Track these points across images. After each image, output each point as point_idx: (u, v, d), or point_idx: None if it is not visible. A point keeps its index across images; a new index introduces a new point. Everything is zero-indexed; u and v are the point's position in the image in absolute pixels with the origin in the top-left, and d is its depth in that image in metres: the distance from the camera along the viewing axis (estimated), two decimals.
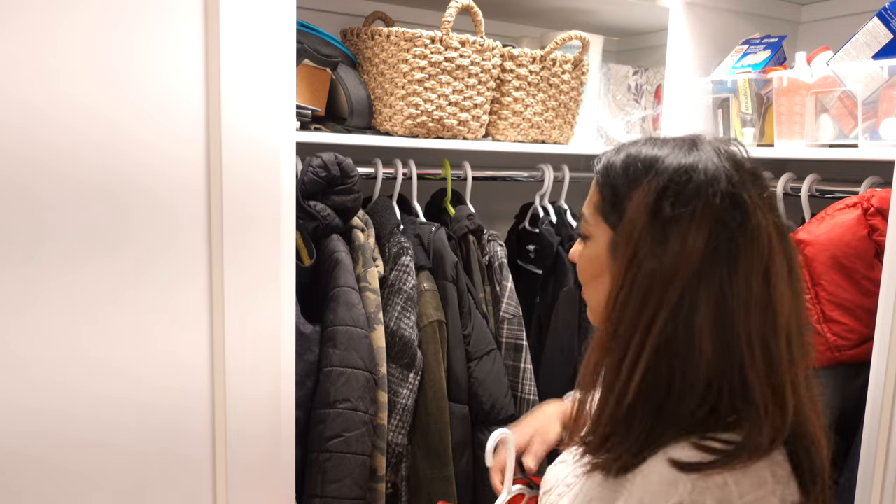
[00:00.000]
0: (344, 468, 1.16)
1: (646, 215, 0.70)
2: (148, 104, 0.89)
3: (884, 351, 1.03)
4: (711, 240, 0.67)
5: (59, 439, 0.89)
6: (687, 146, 0.73)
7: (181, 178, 0.92)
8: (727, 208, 0.68)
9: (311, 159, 1.22)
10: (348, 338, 1.19)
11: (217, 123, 0.93)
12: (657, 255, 0.68)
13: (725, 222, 0.67)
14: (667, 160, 0.71)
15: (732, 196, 0.68)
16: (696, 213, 0.68)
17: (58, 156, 0.84)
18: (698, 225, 0.67)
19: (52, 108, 0.83)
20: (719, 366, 0.68)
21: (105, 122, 0.87)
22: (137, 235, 0.90)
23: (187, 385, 0.97)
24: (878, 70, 1.16)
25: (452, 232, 1.41)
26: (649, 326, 0.68)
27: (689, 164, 0.70)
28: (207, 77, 0.92)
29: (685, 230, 0.67)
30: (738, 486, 0.65)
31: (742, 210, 0.68)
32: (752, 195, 0.69)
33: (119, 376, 0.92)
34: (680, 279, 0.67)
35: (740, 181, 0.69)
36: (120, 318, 0.91)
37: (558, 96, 1.49)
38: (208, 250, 0.95)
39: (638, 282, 0.69)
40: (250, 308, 1.00)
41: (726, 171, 0.69)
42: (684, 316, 0.67)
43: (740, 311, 0.67)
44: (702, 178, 0.69)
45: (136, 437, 0.94)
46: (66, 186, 0.85)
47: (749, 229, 0.68)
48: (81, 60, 0.84)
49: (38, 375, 0.87)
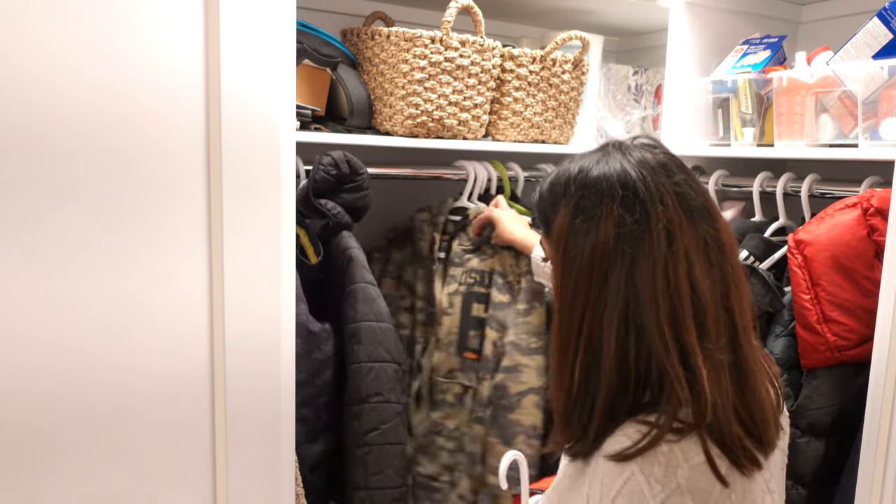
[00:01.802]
0: (384, 459, 1.21)
1: (565, 231, 0.79)
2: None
3: (884, 351, 1.04)
4: (614, 238, 0.75)
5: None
6: (596, 158, 0.80)
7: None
8: (627, 206, 0.75)
9: (321, 157, 1.22)
10: (371, 332, 1.21)
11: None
12: (576, 263, 0.77)
13: (625, 220, 0.75)
14: (578, 179, 0.80)
15: (630, 198, 0.75)
16: (601, 219, 0.76)
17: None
18: (604, 228, 0.75)
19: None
20: (635, 356, 0.74)
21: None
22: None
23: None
24: (878, 70, 1.16)
25: None
26: (579, 327, 0.76)
27: (592, 179, 0.78)
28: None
29: (594, 236, 0.76)
30: (682, 452, 0.71)
31: (641, 204, 0.75)
32: (653, 188, 0.76)
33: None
34: (595, 279, 0.75)
35: (640, 178, 0.76)
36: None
37: (558, 96, 1.49)
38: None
39: (566, 289, 0.78)
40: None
41: (627, 172, 0.77)
42: (599, 313, 0.75)
43: (649, 303, 0.73)
44: (603, 186, 0.77)
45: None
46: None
47: (649, 221, 0.74)
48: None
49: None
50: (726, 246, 0.78)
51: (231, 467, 1.01)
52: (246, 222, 0.98)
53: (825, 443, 1.14)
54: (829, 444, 1.14)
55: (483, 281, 1.42)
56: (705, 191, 0.81)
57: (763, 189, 1.40)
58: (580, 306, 0.76)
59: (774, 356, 1.19)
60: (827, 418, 1.13)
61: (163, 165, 0.91)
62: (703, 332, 0.74)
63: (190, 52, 0.91)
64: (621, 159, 0.79)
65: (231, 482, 1.02)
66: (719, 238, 0.78)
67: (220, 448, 1.01)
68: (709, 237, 0.77)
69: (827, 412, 1.13)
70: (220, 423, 1.00)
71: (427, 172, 1.46)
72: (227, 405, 1.00)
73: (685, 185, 0.78)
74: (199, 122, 0.93)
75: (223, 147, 0.95)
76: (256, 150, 0.97)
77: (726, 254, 0.78)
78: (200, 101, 0.93)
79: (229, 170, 0.96)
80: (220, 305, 0.98)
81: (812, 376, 1.15)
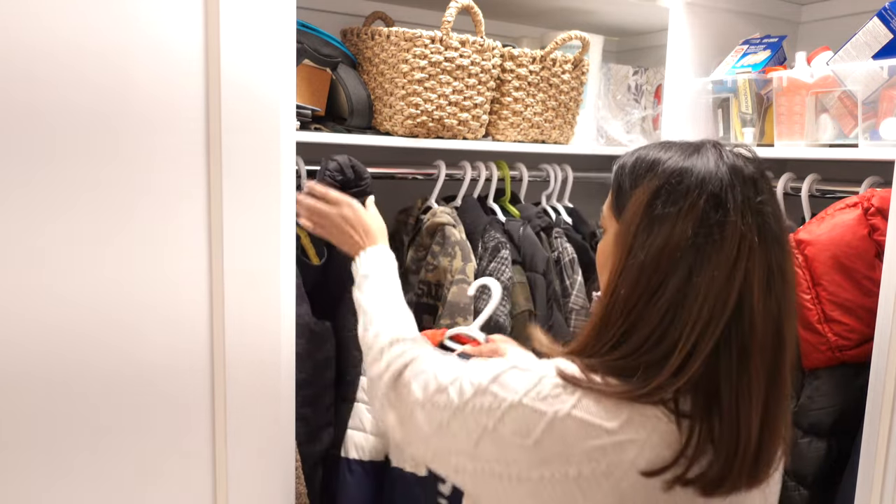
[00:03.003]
0: None
1: (641, 212, 0.78)
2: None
3: (884, 351, 1.04)
4: (691, 236, 0.74)
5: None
6: (690, 151, 0.80)
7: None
8: (710, 209, 0.75)
9: (327, 163, 1.22)
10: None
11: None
12: (646, 247, 0.76)
13: (705, 221, 0.75)
14: (667, 163, 0.79)
15: (716, 199, 0.75)
16: (681, 212, 0.75)
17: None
18: (682, 222, 0.75)
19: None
20: (659, 333, 0.75)
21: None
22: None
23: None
24: (878, 70, 1.16)
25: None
26: (633, 306, 0.76)
27: (684, 168, 0.78)
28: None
29: (671, 226, 0.75)
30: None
31: (723, 212, 0.75)
32: (739, 199, 0.75)
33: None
34: (662, 269, 0.75)
35: (730, 185, 0.76)
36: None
37: (558, 96, 1.49)
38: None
39: (631, 271, 0.77)
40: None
41: (718, 175, 0.76)
42: (656, 296, 0.75)
43: (698, 297, 0.74)
44: (692, 181, 0.76)
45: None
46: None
47: (726, 229, 0.74)
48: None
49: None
50: (789, 277, 0.78)
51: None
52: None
53: (827, 443, 1.14)
54: (830, 444, 1.14)
55: (430, 292, 1.42)
56: (783, 217, 0.80)
57: None
58: (639, 290, 0.76)
59: None
60: (828, 418, 1.13)
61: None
62: (743, 354, 0.74)
63: (190, 37, 0.92)
64: (717, 159, 0.78)
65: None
66: (784, 268, 0.78)
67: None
68: (775, 265, 0.76)
69: (828, 412, 1.13)
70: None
71: (424, 172, 1.45)
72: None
73: (767, 206, 0.78)
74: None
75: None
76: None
77: (788, 284, 0.78)
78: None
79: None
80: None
81: (813, 376, 1.15)
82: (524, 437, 0.74)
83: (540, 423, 0.74)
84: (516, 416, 0.75)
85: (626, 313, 0.76)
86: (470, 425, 0.78)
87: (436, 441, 0.82)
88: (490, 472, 0.77)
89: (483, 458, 0.77)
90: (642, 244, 0.76)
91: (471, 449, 0.78)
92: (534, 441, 0.73)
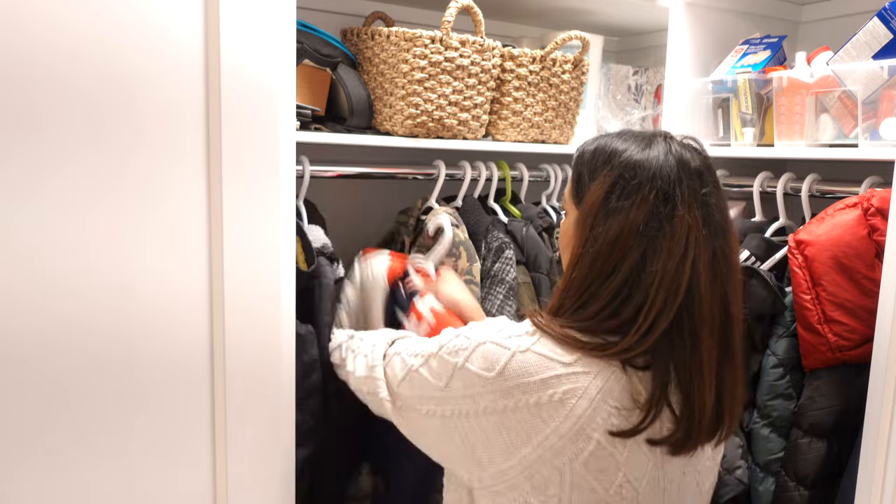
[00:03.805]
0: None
1: (598, 204, 0.86)
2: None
3: (884, 351, 1.03)
4: (642, 227, 0.82)
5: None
6: (644, 143, 0.87)
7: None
8: (659, 203, 0.83)
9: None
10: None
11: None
12: (602, 236, 0.84)
13: (655, 214, 0.83)
14: (622, 157, 0.87)
15: (665, 194, 0.83)
16: (633, 206, 0.83)
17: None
18: (634, 215, 0.83)
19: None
20: (617, 302, 0.84)
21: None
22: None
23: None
24: (878, 70, 1.16)
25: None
26: (587, 287, 0.85)
27: (637, 162, 0.85)
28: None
29: (624, 219, 0.83)
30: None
31: (672, 206, 0.83)
32: (686, 193, 0.83)
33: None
34: (615, 256, 0.83)
35: (677, 179, 0.83)
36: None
37: (558, 96, 1.49)
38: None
39: (587, 256, 0.86)
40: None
41: (668, 170, 0.84)
42: (611, 277, 0.84)
43: (653, 283, 0.82)
44: (644, 176, 0.84)
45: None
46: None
47: (674, 222, 0.82)
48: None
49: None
50: (732, 260, 0.87)
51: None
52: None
53: (827, 443, 1.14)
54: (831, 444, 1.14)
55: None
56: (726, 207, 0.88)
57: (763, 189, 1.40)
58: (592, 278, 0.85)
59: (777, 357, 1.19)
60: (829, 419, 1.13)
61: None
62: (694, 334, 0.83)
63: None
64: (666, 153, 0.85)
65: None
66: (728, 255, 0.86)
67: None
68: (719, 251, 0.84)
69: (829, 413, 1.13)
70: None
71: (424, 172, 1.45)
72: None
73: (711, 197, 0.85)
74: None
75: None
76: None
77: (731, 268, 0.86)
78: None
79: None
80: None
81: (814, 377, 1.15)
82: (489, 370, 0.84)
83: (503, 356, 0.84)
84: (483, 352, 0.85)
85: (581, 290, 0.86)
86: (443, 367, 0.89)
87: (406, 388, 0.93)
88: (458, 413, 0.86)
89: (452, 398, 0.87)
90: (598, 234, 0.85)
91: (441, 390, 0.88)
92: (497, 372, 0.83)
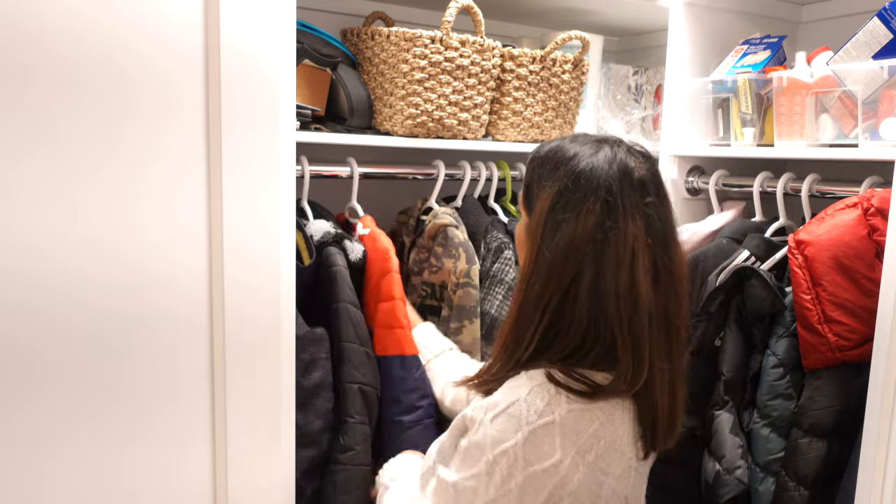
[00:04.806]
0: (353, 481, 1.19)
1: (546, 214, 0.87)
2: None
3: (884, 351, 1.03)
4: (589, 240, 0.84)
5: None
6: (593, 150, 0.88)
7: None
8: (604, 215, 0.84)
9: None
10: (357, 355, 1.21)
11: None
12: (552, 247, 0.85)
13: (600, 226, 0.84)
14: (568, 165, 0.87)
15: (608, 205, 0.84)
16: (579, 217, 0.84)
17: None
18: (582, 226, 0.84)
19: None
20: (594, 331, 0.85)
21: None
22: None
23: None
24: (878, 70, 1.16)
25: None
26: (548, 301, 0.85)
27: (580, 173, 0.86)
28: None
29: (573, 229, 0.84)
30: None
31: (614, 218, 0.84)
32: (628, 205, 0.84)
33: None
34: (569, 268, 0.84)
35: (619, 190, 0.84)
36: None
37: (558, 96, 1.49)
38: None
39: (540, 266, 0.86)
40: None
41: (608, 181, 0.85)
42: (571, 295, 0.85)
43: (611, 295, 0.83)
44: (588, 188, 0.85)
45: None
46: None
47: (618, 233, 0.84)
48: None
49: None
50: (676, 275, 0.88)
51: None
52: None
53: (827, 443, 1.14)
54: (831, 444, 1.14)
55: (434, 294, 1.41)
56: (670, 219, 0.89)
57: (763, 189, 1.40)
58: (550, 287, 0.85)
59: (777, 357, 1.19)
60: (829, 419, 1.13)
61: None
62: (651, 331, 0.85)
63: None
64: (610, 161, 0.86)
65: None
66: (671, 267, 0.87)
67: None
68: (660, 262, 0.86)
69: (829, 413, 1.13)
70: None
71: (423, 172, 1.45)
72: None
73: (653, 208, 0.86)
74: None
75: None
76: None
77: (675, 280, 0.88)
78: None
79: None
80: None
81: (814, 377, 1.15)
82: (549, 456, 0.81)
83: (555, 431, 0.81)
84: (534, 441, 0.81)
85: (542, 307, 0.85)
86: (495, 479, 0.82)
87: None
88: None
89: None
90: (548, 245, 0.85)
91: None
92: (559, 448, 0.81)
